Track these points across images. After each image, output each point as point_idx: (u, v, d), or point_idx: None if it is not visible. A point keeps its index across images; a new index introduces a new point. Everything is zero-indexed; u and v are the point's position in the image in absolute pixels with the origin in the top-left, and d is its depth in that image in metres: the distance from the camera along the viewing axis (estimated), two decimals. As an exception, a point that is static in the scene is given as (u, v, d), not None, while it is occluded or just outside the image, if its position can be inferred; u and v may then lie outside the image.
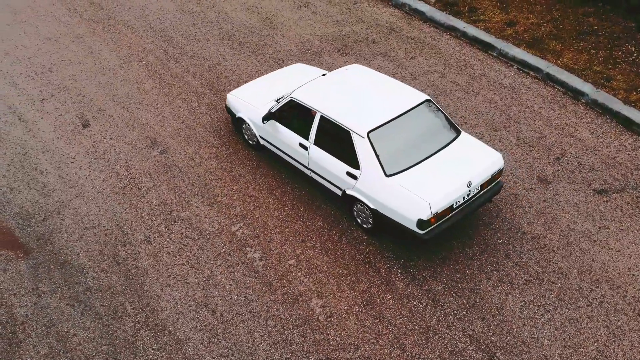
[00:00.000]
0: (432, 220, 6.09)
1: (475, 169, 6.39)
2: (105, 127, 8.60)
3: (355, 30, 10.74)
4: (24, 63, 9.99)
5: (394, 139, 6.41)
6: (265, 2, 11.62)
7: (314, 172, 7.08)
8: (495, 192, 6.71)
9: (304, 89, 7.05)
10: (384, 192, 6.24)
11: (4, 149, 8.24)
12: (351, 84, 7.06)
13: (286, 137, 7.17)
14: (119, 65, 9.89)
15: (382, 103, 6.67)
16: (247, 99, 7.79)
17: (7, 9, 11.58)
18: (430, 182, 6.19)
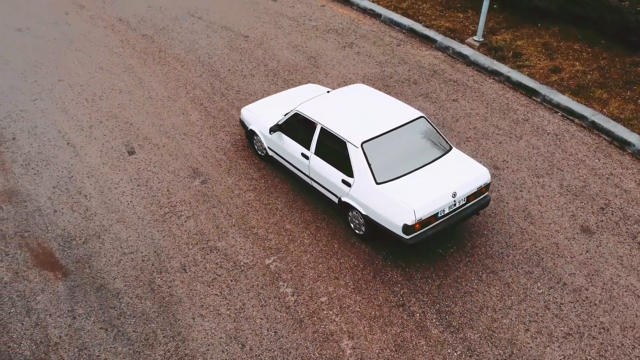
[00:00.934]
0: (416, 226, 6.48)
1: (461, 181, 6.79)
2: (150, 156, 8.82)
3: (398, 71, 10.83)
4: (76, 90, 10.41)
5: (386, 150, 6.88)
6: (310, 42, 11.87)
7: (314, 181, 7.57)
8: (483, 205, 7.06)
9: (308, 104, 7.61)
10: (374, 198, 6.68)
11: (51, 171, 8.53)
12: (352, 100, 7.62)
13: (290, 147, 7.71)
14: (166, 97, 10.20)
15: (378, 117, 7.18)
16: (258, 113, 8.37)
17: (63, 38, 12.15)
18: (416, 190, 6.60)
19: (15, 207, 7.90)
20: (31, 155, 8.81)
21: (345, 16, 12.97)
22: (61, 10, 13.50)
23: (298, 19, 12.83)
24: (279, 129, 7.84)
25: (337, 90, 7.99)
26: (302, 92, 8.88)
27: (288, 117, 7.71)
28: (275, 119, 8.18)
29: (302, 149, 7.53)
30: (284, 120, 7.79)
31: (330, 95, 7.79)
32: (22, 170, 8.52)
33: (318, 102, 7.61)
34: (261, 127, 8.22)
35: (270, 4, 13.60)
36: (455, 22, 12.13)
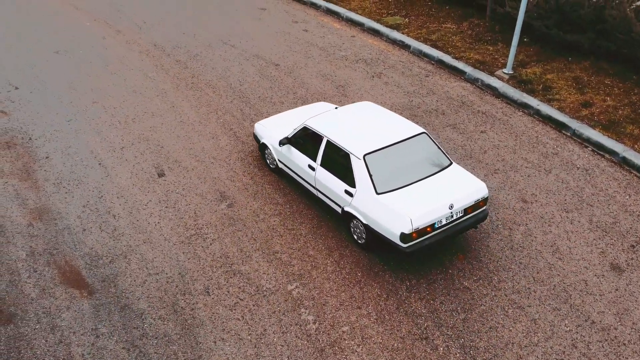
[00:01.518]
0: (413, 235, 6.75)
1: (458, 194, 7.06)
2: (179, 178, 8.96)
3: (426, 101, 10.87)
4: (110, 112, 10.68)
5: (387, 162, 7.19)
6: (339, 71, 12.01)
7: (319, 192, 7.91)
8: (480, 219, 7.31)
9: (316, 118, 8.01)
10: (374, 208, 6.98)
11: (82, 190, 8.71)
12: (358, 115, 8.00)
13: (298, 159, 8.08)
14: (197, 121, 10.40)
15: (382, 132, 7.51)
16: (270, 128, 8.82)
17: (99, 61, 12.53)
18: (414, 201, 6.88)
19: (46, 224, 8.07)
20: (63, 174, 9.03)
21: (375, 47, 13.11)
22: (99, 34, 13.95)
23: (328, 49, 13.01)
24: (288, 142, 8.22)
25: (344, 107, 8.37)
26: (313, 109, 9.31)
27: (297, 130, 8.09)
28: (285, 133, 8.57)
29: (309, 160, 7.89)
30: (293, 134, 8.16)
31: (338, 111, 8.18)
32: (54, 189, 8.72)
33: (325, 117, 8.00)
34: (272, 140, 8.64)
35: (301, 33, 13.85)
36: (484, 55, 12.16)
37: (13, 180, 8.90)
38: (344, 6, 15.05)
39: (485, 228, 7.90)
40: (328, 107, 9.32)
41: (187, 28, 14.23)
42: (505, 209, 8.24)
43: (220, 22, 14.49)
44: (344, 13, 14.67)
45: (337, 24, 14.43)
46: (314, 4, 15.50)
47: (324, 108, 9.31)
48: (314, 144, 7.82)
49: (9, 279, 7.22)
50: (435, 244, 6.99)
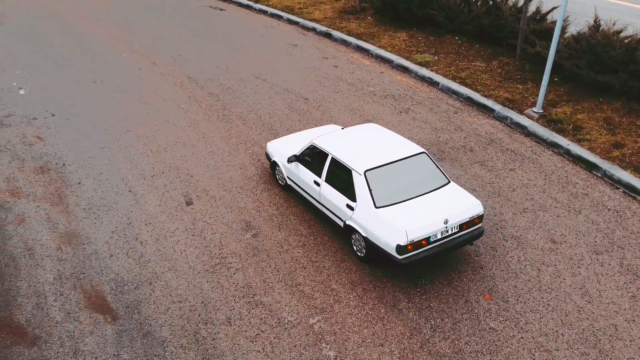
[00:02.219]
0: (409, 247, 7.03)
1: (454, 210, 7.35)
2: (207, 207, 9.07)
3: (454, 137, 10.86)
4: (142, 141, 10.93)
5: (387, 179, 7.55)
6: (367, 106, 12.12)
7: (324, 206, 8.29)
8: (475, 236, 7.54)
9: (322, 137, 8.47)
10: (373, 221, 7.31)
11: (111, 216, 8.87)
12: (362, 135, 8.43)
13: (305, 176, 8.52)
14: (227, 151, 10.56)
15: (383, 150, 7.90)
16: (281, 147, 9.32)
17: (134, 91, 12.89)
18: (410, 215, 7.20)
19: (74, 249, 8.22)
20: (94, 200, 9.23)
21: (403, 83, 13.22)
22: (135, 65, 14.40)
23: (357, 84, 13.17)
24: (297, 159, 8.69)
25: (350, 127, 8.82)
26: (322, 130, 9.86)
27: (304, 148, 8.56)
28: (294, 151, 9.06)
29: (315, 177, 8.30)
30: (300, 152, 8.63)
31: (343, 131, 8.68)
32: (84, 214, 8.91)
33: (332, 136, 8.47)
34: (282, 158, 9.12)
35: (331, 69, 14.07)
36: (514, 93, 12.14)
37: (45, 204, 9.13)
38: (374, 44, 15.27)
39: (512, 267, 7.77)
40: (335, 129, 9.86)
41: (221, 62, 14.59)
42: (533, 249, 8.10)
43: (253, 57, 14.83)
44: (373, 50, 14.88)
45: (366, 60, 14.62)
46: (345, 41, 15.76)
47: (332, 129, 9.87)
48: (320, 161, 8.26)
49: (35, 301, 7.33)
50: (430, 257, 7.26)
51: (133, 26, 17.66)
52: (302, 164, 8.60)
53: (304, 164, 8.56)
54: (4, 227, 8.59)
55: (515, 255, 7.96)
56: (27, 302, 7.32)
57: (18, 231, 8.52)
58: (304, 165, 8.55)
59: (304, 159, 8.57)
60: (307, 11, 18.19)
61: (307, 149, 8.50)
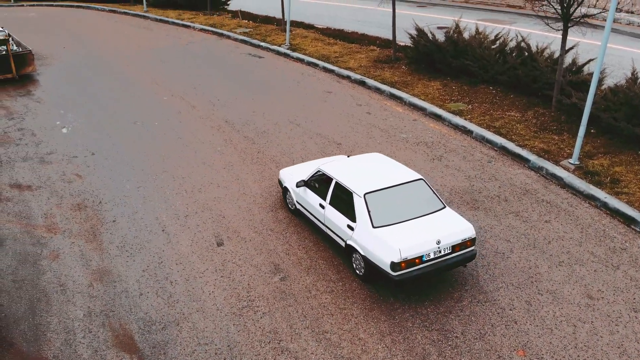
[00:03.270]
0: (402, 264, 7.49)
1: (446, 231, 7.82)
2: (237, 248, 9.11)
3: (487, 187, 10.74)
4: (178, 181, 11.14)
5: (385, 201, 8.07)
6: (400, 152, 12.15)
7: (327, 228, 8.82)
8: (468, 258, 7.97)
9: (329, 164, 9.13)
10: (370, 240, 7.81)
11: (143, 255, 8.98)
12: (365, 163, 9.08)
13: (311, 199, 9.11)
14: (259, 194, 10.67)
15: (383, 176, 8.48)
16: (292, 174, 9.95)
17: (173, 133, 13.23)
18: (405, 235, 7.68)
19: (105, 286, 8.31)
20: (127, 239, 9.37)
21: (436, 131, 13.24)
22: (175, 108, 14.84)
23: (389, 131, 13.25)
24: (305, 184, 9.30)
25: (356, 156, 9.54)
26: (332, 160, 10.34)
27: (312, 174, 9.21)
28: (303, 177, 9.70)
29: (320, 200, 8.90)
30: (308, 177, 9.27)
31: (349, 159, 9.35)
32: (117, 252, 9.04)
33: (337, 163, 9.16)
34: (292, 184, 9.76)
35: (364, 115, 14.22)
36: (549, 144, 12.01)
37: (80, 240, 9.31)
38: (408, 92, 15.42)
39: (547, 323, 7.51)
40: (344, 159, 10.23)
41: (257, 107, 14.92)
42: (569, 304, 7.83)
43: (288, 103, 15.12)
44: (407, 98, 15.01)
45: (399, 108, 14.74)
46: (378, 89, 15.96)
47: (340, 158, 10.28)
48: (325, 185, 8.88)
49: (64, 337, 7.40)
50: (424, 275, 7.69)
51: (174, 71, 18.28)
52: (310, 188, 9.21)
53: (311, 188, 9.17)
54: (38, 262, 8.77)
55: (551, 310, 7.70)
56: (57, 337, 7.39)
57: (52, 266, 8.69)
58: (311, 189, 9.17)
59: (312, 183, 9.19)
60: (342, 60, 18.55)
61: (314, 175, 9.15)
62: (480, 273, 8.44)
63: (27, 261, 8.80)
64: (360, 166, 8.91)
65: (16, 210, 10.18)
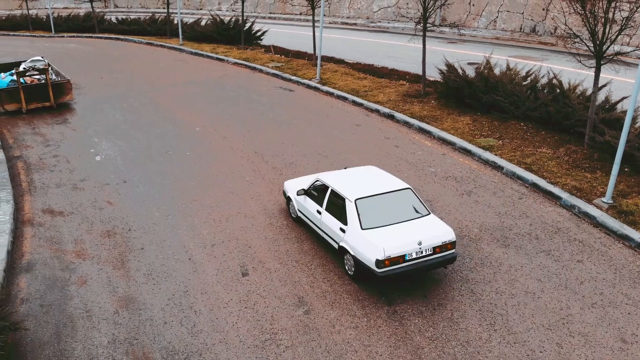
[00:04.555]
0: (386, 262, 8.26)
1: (428, 234, 8.56)
2: (262, 279, 9.08)
3: (518, 224, 10.54)
4: (207, 210, 11.24)
5: (374, 207, 8.88)
6: (428, 186, 12.05)
7: (323, 232, 9.61)
8: (448, 260, 8.68)
9: (326, 174, 10.01)
10: (359, 240, 8.59)
11: (169, 283, 9.01)
12: (360, 174, 9.91)
13: (310, 206, 9.95)
14: (286, 225, 10.67)
15: (374, 185, 9.28)
16: (295, 185, 10.76)
17: (204, 163, 13.41)
18: (389, 236, 8.47)
19: (131, 313, 8.34)
20: (154, 267, 9.44)
21: (466, 166, 13.13)
22: (206, 139, 15.08)
23: (417, 164, 13.19)
24: (304, 193, 10.14)
25: (352, 168, 10.44)
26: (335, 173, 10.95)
27: (311, 183, 10.10)
28: (304, 187, 10.50)
29: (318, 206, 9.72)
30: (308, 186, 10.18)
31: (346, 170, 10.25)
32: (144, 279, 9.10)
33: (334, 173, 10.05)
34: (295, 194, 10.55)
35: (392, 149, 14.21)
36: (582, 182, 11.78)
37: (108, 267, 9.41)
38: (437, 126, 15.39)
39: (579, 367, 7.23)
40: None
41: (286, 138, 15.05)
42: (602, 347, 7.54)
43: (317, 136, 15.23)
44: (436, 132, 14.97)
45: (428, 142, 14.70)
46: (407, 123, 15.98)
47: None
48: (322, 193, 9.69)
49: (89, 363, 7.41)
50: (407, 274, 8.43)
51: (207, 103, 18.65)
52: (309, 196, 10.07)
53: (310, 196, 10.03)
54: (66, 287, 8.88)
55: (583, 354, 7.43)
56: (81, 363, 7.41)
57: (79, 292, 8.78)
58: (310, 197, 10.02)
59: (310, 192, 10.06)
60: (371, 94, 18.68)
61: (313, 184, 10.06)
62: (510, 313, 8.22)
63: (55, 286, 8.91)
64: (355, 176, 9.77)
65: (47, 236, 10.38)
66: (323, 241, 9.88)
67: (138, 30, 32.32)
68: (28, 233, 10.47)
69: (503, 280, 8.96)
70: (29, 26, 36.62)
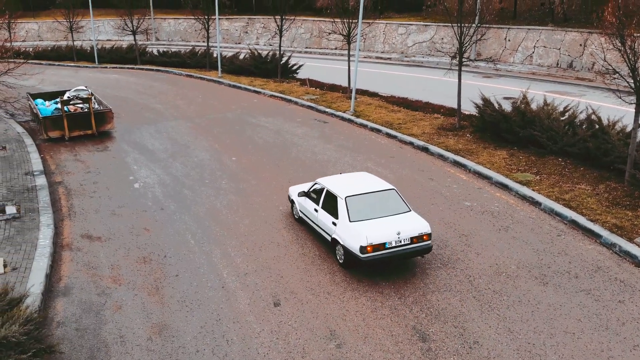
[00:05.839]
0: (369, 248, 9.53)
1: (406, 227, 9.86)
2: (293, 310, 9.03)
3: (557, 261, 10.28)
4: (241, 239, 11.31)
5: (361, 204, 10.21)
6: (463, 221, 11.90)
7: (319, 227, 10.92)
8: (425, 249, 9.95)
9: (324, 178, 11.37)
10: (347, 231, 9.93)
11: (202, 311, 9.04)
12: (352, 177, 11.33)
13: (309, 205, 11.30)
14: (318, 255, 10.65)
15: (363, 186, 10.66)
16: (298, 189, 11.97)
17: (239, 192, 13.54)
18: (372, 227, 9.79)
19: (164, 340, 8.38)
20: (188, 294, 9.49)
21: (503, 200, 12.94)
22: (241, 168, 15.26)
23: (453, 198, 13.06)
24: (305, 194, 11.50)
25: (346, 173, 11.90)
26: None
27: (310, 186, 11.53)
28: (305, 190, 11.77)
29: (315, 205, 11.03)
30: (308, 188, 11.56)
31: (341, 175, 11.61)
32: (178, 307, 9.15)
33: (331, 177, 11.42)
34: (296, 197, 11.85)
35: (427, 181, 14.12)
36: (622, 220, 11.46)
37: (142, 293, 9.51)
38: (472, 160, 15.26)
39: (623, 413, 6.90)
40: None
41: (319, 169, 15.12)
42: (648, 393, 7.21)
43: (350, 167, 15.26)
44: (471, 166, 14.84)
45: (463, 175, 14.57)
46: (442, 156, 15.90)
47: None
48: (319, 194, 11.00)
49: (121, 389, 7.43)
50: (387, 260, 9.73)
51: (243, 133, 18.95)
52: (308, 197, 11.37)
53: (309, 197, 11.34)
54: (101, 312, 8.99)
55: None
56: (113, 389, 7.44)
57: (114, 317, 8.88)
58: (309, 198, 11.33)
59: (310, 193, 11.37)
60: (405, 126, 18.70)
61: (312, 186, 11.40)
62: (549, 354, 7.95)
63: (91, 310, 9.04)
64: (348, 179, 11.12)
65: (85, 260, 10.58)
66: (319, 236, 11.17)
67: (178, 62, 33.23)
68: (66, 257, 10.69)
69: (541, 319, 8.71)
70: (73, 57, 38.06)
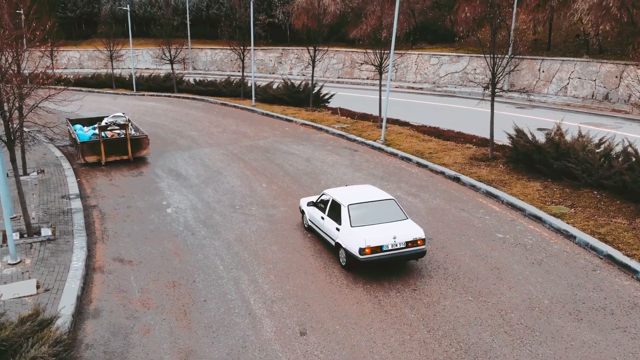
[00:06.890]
0: (367, 250, 10.44)
1: (402, 232, 10.77)
2: (319, 340, 8.92)
3: (592, 297, 9.96)
4: (269, 266, 11.31)
5: (362, 211, 11.22)
6: (495, 253, 11.67)
7: (325, 233, 11.90)
8: (419, 253, 10.83)
9: (330, 189, 12.45)
10: (348, 235, 10.88)
11: (228, 338, 9.01)
12: (356, 189, 12.37)
13: (317, 214, 12.35)
14: (346, 284, 10.56)
15: (365, 196, 11.72)
16: (307, 200, 13.17)
17: (269, 219, 13.61)
18: (371, 232, 10.70)
19: (190, 365, 8.36)
20: (215, 320, 9.49)
21: (536, 233, 12.66)
22: (272, 195, 15.36)
23: (485, 230, 12.84)
24: (313, 204, 12.54)
25: (351, 185, 13.09)
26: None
27: (319, 197, 12.54)
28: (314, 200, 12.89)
29: (322, 214, 12.07)
30: (316, 199, 12.63)
31: (346, 187, 12.61)
32: (204, 332, 9.15)
33: (337, 188, 12.49)
34: (306, 207, 13.04)
35: (458, 212, 13.94)
36: (663, 255, 11.06)
37: (170, 317, 9.55)
38: (505, 191, 15.02)
39: None
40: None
41: (349, 197, 15.09)
42: None
43: (381, 195, 15.17)
44: (504, 197, 14.60)
45: (496, 206, 14.33)
46: (474, 186, 15.70)
47: None
48: (326, 204, 12.05)
49: (146, 413, 7.42)
50: (384, 261, 10.60)
51: (274, 160, 19.12)
52: (316, 207, 12.43)
53: (317, 207, 12.39)
54: (130, 336, 9.05)
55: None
56: (138, 413, 7.42)
57: (142, 341, 8.92)
58: (317, 208, 12.38)
59: (318, 204, 12.39)
60: (436, 156, 18.58)
61: (320, 197, 12.43)
62: (584, 392, 7.65)
63: (119, 333, 9.11)
64: (352, 190, 12.16)
65: (116, 283, 10.71)
66: (325, 241, 12.10)
67: (214, 91, 33.94)
68: (98, 280, 10.85)
69: (575, 357, 8.40)
70: (112, 84, 39.27)
